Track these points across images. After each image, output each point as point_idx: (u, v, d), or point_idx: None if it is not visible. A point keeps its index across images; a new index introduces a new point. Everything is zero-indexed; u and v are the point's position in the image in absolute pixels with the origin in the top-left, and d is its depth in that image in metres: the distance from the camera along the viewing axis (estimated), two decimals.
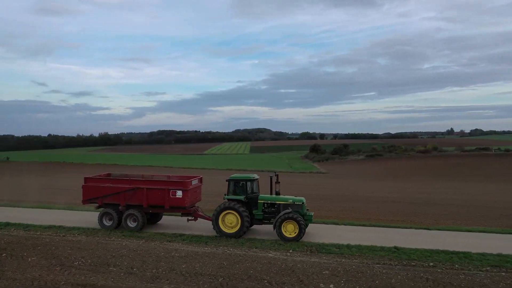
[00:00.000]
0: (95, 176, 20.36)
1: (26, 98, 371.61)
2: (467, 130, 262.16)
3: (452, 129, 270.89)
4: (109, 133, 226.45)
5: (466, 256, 14.37)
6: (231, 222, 17.26)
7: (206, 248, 15.62)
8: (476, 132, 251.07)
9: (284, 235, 16.62)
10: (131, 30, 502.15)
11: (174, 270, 12.79)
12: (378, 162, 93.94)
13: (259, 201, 17.79)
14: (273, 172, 18.94)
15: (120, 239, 17.09)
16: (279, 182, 18.24)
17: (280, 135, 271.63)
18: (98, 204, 19.23)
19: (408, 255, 14.48)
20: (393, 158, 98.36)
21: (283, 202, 17.58)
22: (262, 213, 17.73)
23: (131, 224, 18.52)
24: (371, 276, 12.34)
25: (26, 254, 14.41)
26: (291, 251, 15.27)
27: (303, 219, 16.78)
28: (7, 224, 19.31)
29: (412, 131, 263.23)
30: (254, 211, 17.72)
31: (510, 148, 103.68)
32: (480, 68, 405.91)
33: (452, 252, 14.80)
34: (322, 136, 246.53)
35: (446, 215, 25.61)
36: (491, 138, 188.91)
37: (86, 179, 19.52)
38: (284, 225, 16.67)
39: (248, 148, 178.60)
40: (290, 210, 17.09)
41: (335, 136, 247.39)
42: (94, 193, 18.99)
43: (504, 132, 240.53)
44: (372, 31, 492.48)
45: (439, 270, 12.96)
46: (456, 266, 13.45)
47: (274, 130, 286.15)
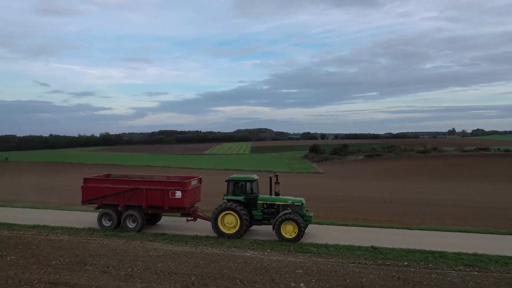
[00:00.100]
0: (95, 176, 20.32)
1: (28, 98, 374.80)
2: (469, 130, 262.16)
3: (453, 129, 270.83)
4: (110, 133, 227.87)
5: (441, 255, 14.45)
6: (230, 223, 17.27)
7: (185, 248, 15.69)
8: (477, 132, 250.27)
9: (283, 235, 16.63)
10: (132, 30, 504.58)
11: (149, 269, 12.85)
12: (377, 162, 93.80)
13: (258, 201, 17.79)
14: (272, 172, 18.94)
15: (101, 238, 17.19)
16: (279, 183, 18.22)
17: (281, 135, 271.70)
18: (97, 205, 19.21)
19: (384, 255, 14.56)
20: (392, 158, 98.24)
21: (282, 203, 17.57)
22: (262, 213, 17.74)
23: (131, 224, 18.54)
24: (343, 275, 12.36)
25: (5, 253, 14.49)
26: (268, 251, 15.34)
27: (302, 220, 16.76)
28: None
29: (414, 131, 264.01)
30: (254, 212, 17.72)
31: (511, 148, 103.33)
32: (482, 68, 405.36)
33: (428, 252, 14.88)
34: (323, 136, 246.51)
35: (434, 215, 25.58)
36: (493, 138, 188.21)
37: (86, 180, 19.46)
38: (283, 226, 16.68)
39: (248, 148, 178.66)
40: (290, 211, 17.06)
41: (336, 136, 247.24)
42: (94, 193, 18.97)
43: (506, 132, 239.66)
44: (373, 31, 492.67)
45: (412, 270, 12.99)
46: (430, 265, 13.51)
47: (275, 130, 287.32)
